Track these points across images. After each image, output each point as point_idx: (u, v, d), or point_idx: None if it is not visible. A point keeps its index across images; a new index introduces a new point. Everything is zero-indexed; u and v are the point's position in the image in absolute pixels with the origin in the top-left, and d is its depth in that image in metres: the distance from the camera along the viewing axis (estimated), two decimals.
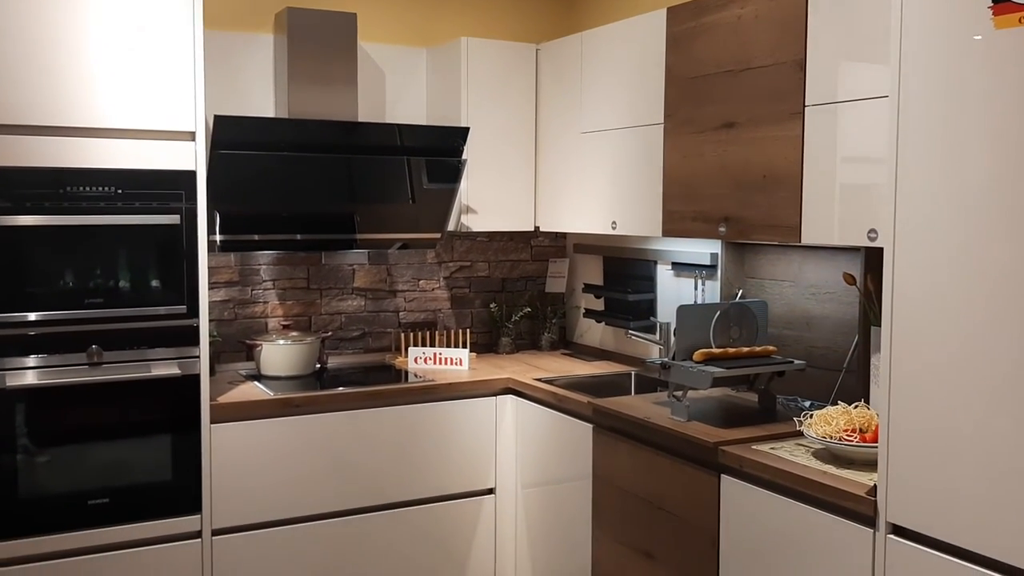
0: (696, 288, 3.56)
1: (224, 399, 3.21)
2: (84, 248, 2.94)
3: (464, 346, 4.00)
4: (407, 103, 4.07)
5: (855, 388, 2.81)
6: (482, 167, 3.87)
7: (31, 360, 2.88)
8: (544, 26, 4.31)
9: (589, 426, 3.17)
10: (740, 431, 2.68)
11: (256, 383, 3.48)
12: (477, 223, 3.91)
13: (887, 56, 2.08)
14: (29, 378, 2.87)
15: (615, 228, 3.52)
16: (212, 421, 3.11)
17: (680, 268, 3.65)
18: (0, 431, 2.84)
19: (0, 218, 2.80)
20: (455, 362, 3.82)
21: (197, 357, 3.07)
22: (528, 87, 3.97)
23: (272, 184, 3.48)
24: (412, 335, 4.03)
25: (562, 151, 3.83)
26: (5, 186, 2.80)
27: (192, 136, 3.03)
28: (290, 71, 3.58)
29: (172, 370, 3.04)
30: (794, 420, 2.58)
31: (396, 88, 4.05)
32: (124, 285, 3.00)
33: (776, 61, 2.73)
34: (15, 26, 2.78)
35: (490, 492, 3.67)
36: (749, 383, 3.04)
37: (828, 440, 2.38)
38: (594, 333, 4.23)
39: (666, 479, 2.79)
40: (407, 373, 3.77)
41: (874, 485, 2.13)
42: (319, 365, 3.74)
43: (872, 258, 2.72)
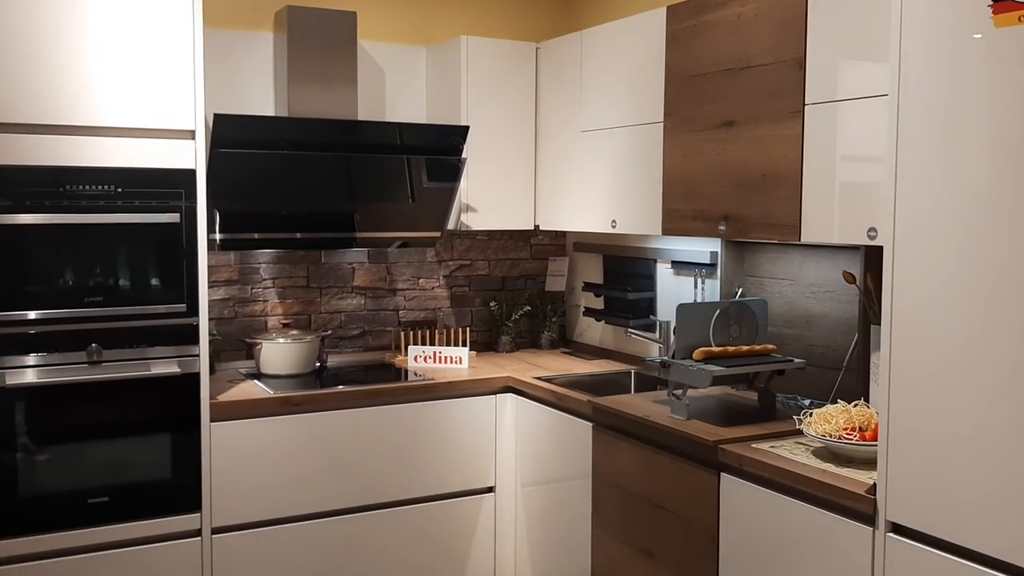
0: (696, 287, 3.56)
1: (224, 398, 3.21)
2: (84, 247, 2.94)
3: (464, 345, 4.00)
4: (407, 102, 4.07)
5: (855, 387, 2.81)
6: (482, 166, 3.87)
7: (31, 359, 2.88)
8: (544, 24, 4.31)
9: (589, 425, 3.17)
10: (740, 429, 2.68)
11: (256, 382, 3.48)
12: (477, 222, 3.91)
13: (887, 54, 2.07)
14: (29, 377, 2.87)
15: (615, 227, 3.52)
16: (212, 420, 3.12)
17: (680, 267, 3.65)
18: (0, 429, 2.84)
19: (0, 216, 2.80)
20: (455, 361, 3.82)
21: (197, 356, 3.07)
22: (528, 86, 3.97)
23: (272, 183, 3.48)
24: (412, 334, 4.03)
25: (562, 150, 3.83)
26: (5, 185, 2.80)
27: (192, 135, 3.03)
28: (290, 70, 3.58)
29: (172, 368, 3.04)
30: (794, 418, 2.58)
31: (396, 87, 4.05)
32: (124, 284, 3.00)
33: (776, 59, 2.73)
34: (15, 25, 2.78)
35: (490, 491, 3.68)
36: (749, 382, 3.04)
37: (828, 438, 2.38)
38: (594, 332, 4.23)
39: (666, 478, 2.79)
40: (407, 372, 3.78)
41: (873, 483, 2.14)
42: (319, 364, 3.74)
43: (872, 256, 2.72)
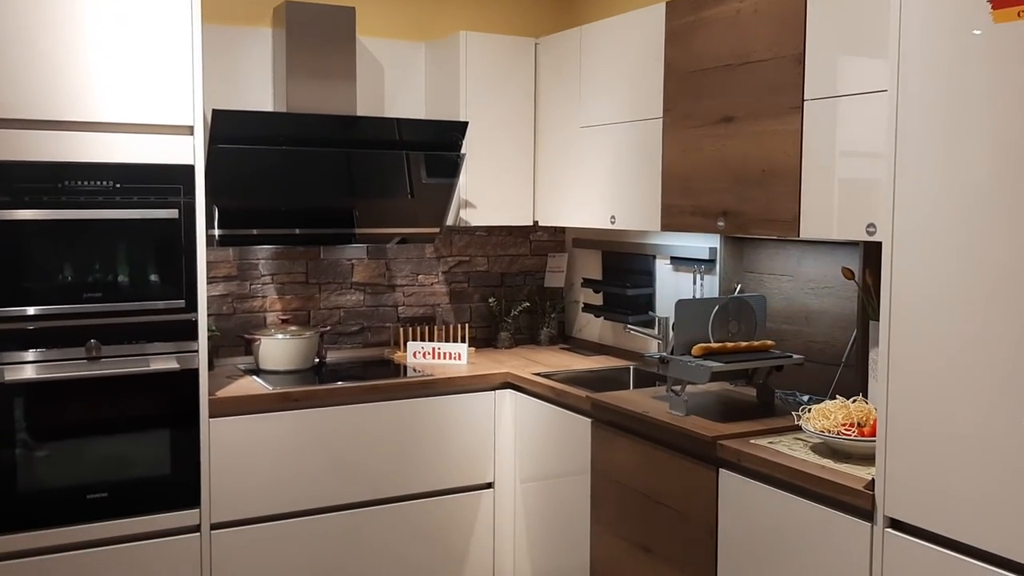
0: (695, 282, 3.56)
1: (223, 393, 3.21)
2: (82, 242, 2.93)
3: (463, 341, 4.00)
4: (406, 97, 4.06)
5: (853, 382, 2.82)
6: (481, 161, 3.87)
7: (30, 354, 2.87)
8: (543, 20, 4.31)
9: (588, 420, 3.17)
10: (738, 425, 2.68)
11: (255, 377, 3.48)
12: (476, 218, 3.91)
13: (886, 50, 2.07)
14: (28, 372, 2.87)
15: (614, 223, 3.52)
16: (211, 415, 3.12)
17: (679, 263, 3.65)
18: None
19: None
20: (454, 357, 3.82)
21: (196, 351, 3.07)
22: (527, 81, 3.96)
23: (271, 178, 3.48)
24: (411, 330, 4.03)
25: (561, 145, 3.82)
26: (3, 180, 2.80)
27: (190, 130, 3.03)
28: (288, 65, 3.57)
29: (171, 364, 3.04)
30: (792, 414, 2.58)
31: (395, 82, 4.04)
32: (123, 279, 3.00)
33: (775, 55, 2.72)
34: (13, 21, 2.77)
35: (489, 486, 3.68)
36: (747, 377, 3.04)
37: (826, 434, 2.38)
38: (593, 328, 4.23)
39: (664, 473, 2.79)
40: (406, 368, 3.78)
41: (872, 479, 2.14)
42: (318, 359, 3.74)
43: (871, 252, 2.72)
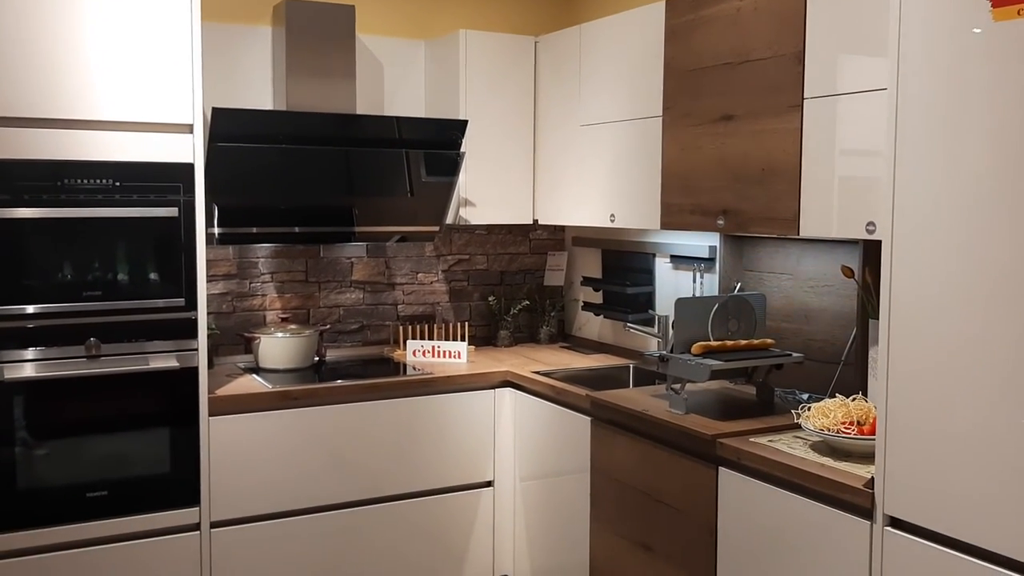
0: (694, 281, 3.56)
1: (222, 392, 3.21)
2: (82, 241, 2.93)
3: (462, 339, 4.00)
4: (405, 96, 4.06)
5: (853, 381, 2.82)
6: (480, 160, 3.87)
7: (29, 353, 2.87)
8: (543, 18, 4.30)
9: (587, 419, 3.17)
10: (738, 424, 2.68)
11: (254, 376, 3.48)
12: (475, 216, 3.91)
13: (886, 49, 2.07)
14: (27, 371, 2.87)
15: (613, 221, 3.52)
16: (210, 414, 3.12)
17: (678, 261, 3.65)
18: None
19: None
20: (453, 355, 3.82)
21: (195, 350, 3.07)
22: (527, 80, 3.96)
23: (270, 177, 3.48)
24: (411, 328, 4.03)
25: (561, 144, 3.82)
26: (3, 179, 2.80)
27: (190, 129, 3.03)
28: (288, 63, 3.57)
29: (170, 363, 3.04)
30: (792, 413, 2.58)
31: (394, 81, 4.04)
32: (122, 278, 3.00)
33: (775, 54, 2.72)
34: (13, 19, 2.77)
35: (488, 485, 3.68)
36: (747, 376, 3.05)
37: (826, 433, 2.38)
38: (592, 326, 4.23)
39: (664, 472, 2.79)
40: (405, 366, 3.78)
41: (871, 477, 2.14)
42: (317, 358, 3.74)
43: (870, 251, 2.72)
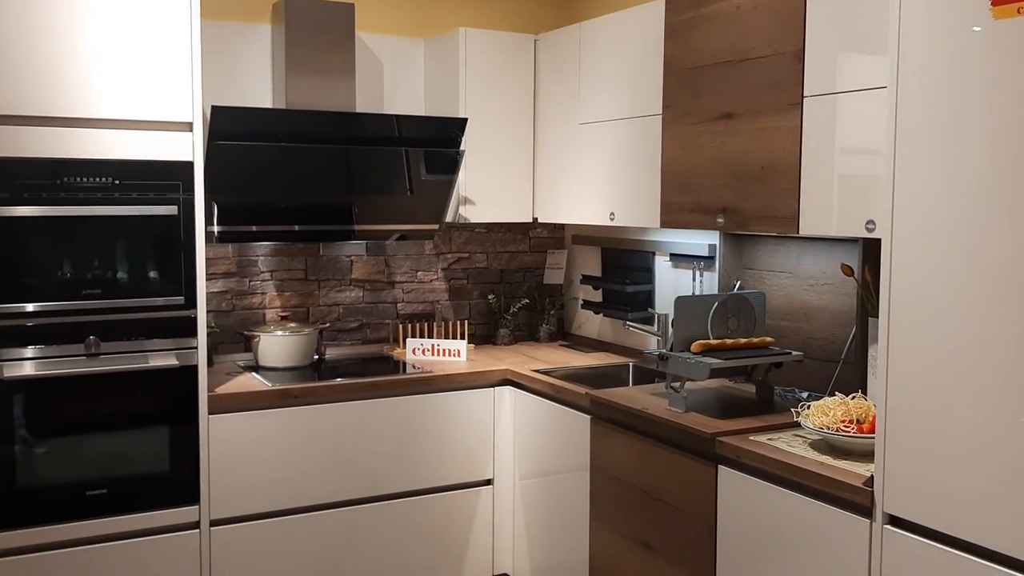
0: (694, 279, 3.56)
1: (222, 390, 3.21)
2: (81, 239, 2.93)
3: (462, 337, 4.00)
4: (405, 94, 4.06)
5: (852, 379, 2.82)
6: (480, 158, 3.87)
7: (29, 351, 2.87)
8: (542, 16, 4.30)
9: (587, 417, 3.17)
10: (738, 422, 2.68)
11: (254, 374, 3.48)
12: (475, 214, 3.91)
13: (886, 47, 2.07)
14: (27, 369, 2.87)
15: (613, 219, 3.52)
16: (210, 412, 3.12)
17: (678, 259, 3.65)
18: None
19: None
20: (453, 353, 3.82)
21: (195, 348, 3.07)
22: (526, 78, 3.96)
23: (270, 175, 3.48)
24: (410, 326, 4.03)
25: (560, 142, 3.82)
26: (2, 177, 2.80)
27: (189, 127, 3.03)
28: (288, 62, 3.57)
29: (170, 361, 3.04)
30: (791, 411, 2.58)
31: (394, 79, 4.04)
32: (122, 276, 3.00)
33: (775, 52, 2.72)
34: (12, 17, 2.77)
35: (488, 483, 3.68)
36: (747, 374, 3.04)
37: (825, 431, 2.38)
38: (592, 324, 4.23)
39: (664, 470, 2.79)
40: (405, 364, 3.78)
41: (871, 476, 2.14)
42: (317, 356, 3.74)
43: (870, 249, 2.72)
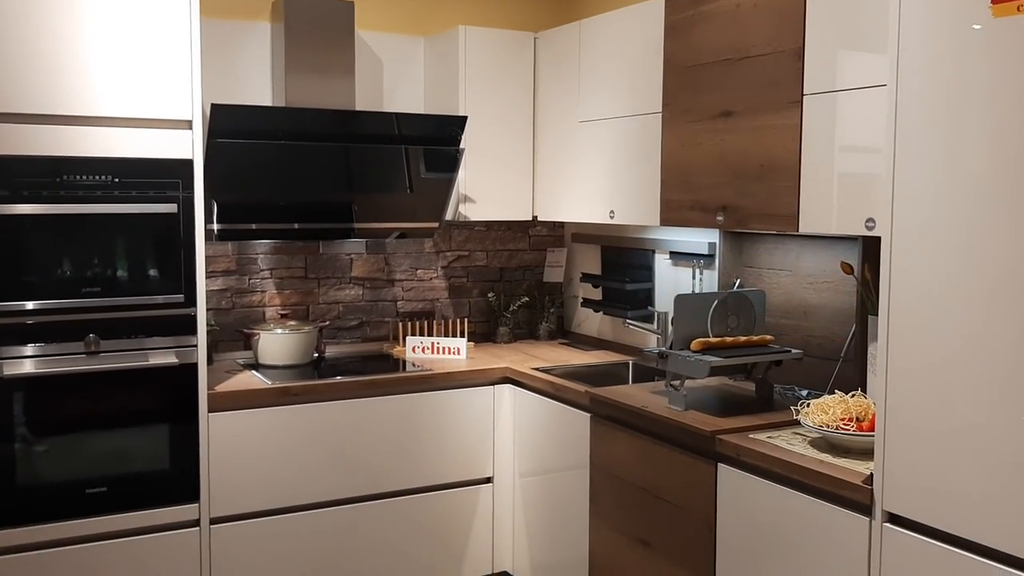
0: (694, 277, 3.56)
1: (222, 388, 3.21)
2: (81, 237, 2.93)
3: (462, 335, 4.01)
4: (405, 92, 4.06)
5: (852, 377, 2.82)
6: (480, 156, 3.87)
7: (29, 349, 2.88)
8: (542, 14, 4.30)
9: (587, 415, 3.17)
10: (737, 420, 2.68)
11: (254, 372, 3.48)
12: (475, 212, 3.91)
13: (885, 45, 2.07)
14: (27, 367, 2.87)
15: (613, 217, 3.52)
16: (210, 410, 3.12)
17: (678, 257, 3.65)
18: None
19: None
20: (453, 351, 3.82)
21: (195, 346, 3.07)
22: (526, 76, 3.96)
23: (269, 173, 3.48)
24: (410, 324, 4.03)
25: (560, 140, 3.82)
26: (2, 175, 2.80)
27: (189, 125, 3.03)
28: (287, 59, 3.57)
29: (170, 359, 3.04)
30: (791, 409, 2.58)
31: (394, 77, 4.04)
32: (122, 274, 3.00)
33: (774, 49, 2.72)
34: (12, 15, 2.77)
35: (488, 481, 3.68)
36: (746, 372, 3.04)
37: (825, 429, 2.38)
38: (592, 322, 4.23)
39: (663, 468, 2.79)
40: (405, 362, 3.78)
41: (870, 474, 2.14)
42: (317, 354, 3.74)
43: (870, 247, 2.72)
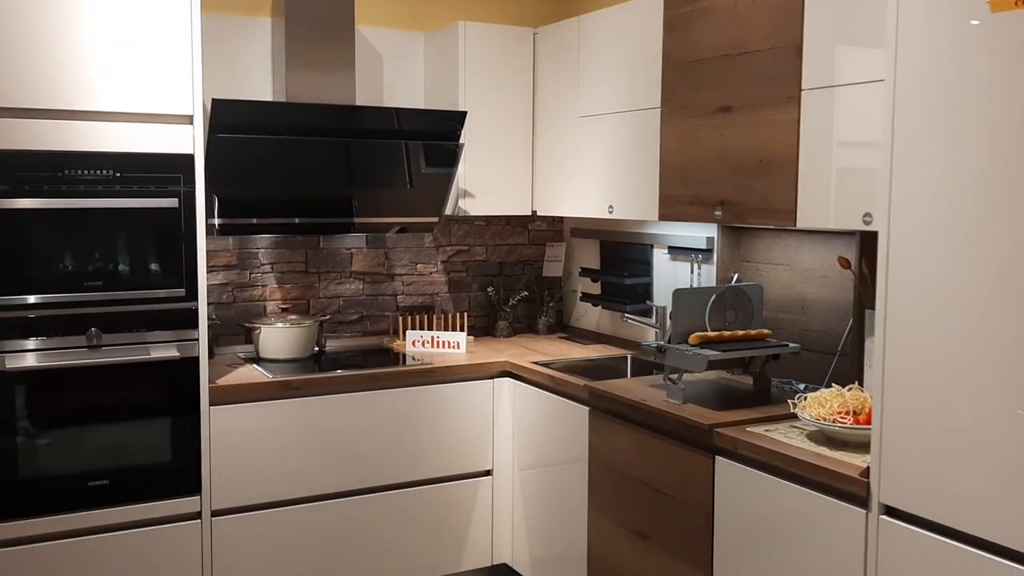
0: (692, 272, 3.57)
1: (223, 382, 3.22)
2: (83, 231, 2.94)
3: (462, 330, 4.02)
4: (405, 87, 4.07)
5: (849, 371, 2.83)
6: (479, 151, 3.88)
7: (31, 343, 2.89)
8: (542, 10, 4.31)
9: (585, 409, 3.19)
10: (735, 413, 2.70)
11: (255, 366, 3.50)
12: (474, 207, 3.92)
13: (884, 40, 2.08)
14: (29, 360, 2.88)
15: (612, 212, 3.53)
16: (211, 403, 3.13)
17: (676, 252, 3.67)
18: (0, 413, 2.86)
19: None
20: (453, 345, 3.83)
21: (196, 340, 3.09)
22: (526, 71, 3.97)
23: (270, 168, 3.48)
24: (410, 319, 4.05)
25: (559, 135, 3.83)
26: (3, 169, 2.80)
27: (190, 120, 3.03)
28: (288, 55, 3.57)
29: (171, 353, 3.06)
30: (788, 403, 2.59)
31: (394, 72, 4.05)
32: (123, 268, 3.01)
33: (773, 45, 2.73)
34: (12, 10, 2.77)
35: (487, 474, 3.70)
36: (744, 366, 3.06)
37: (822, 422, 2.39)
38: (591, 317, 4.24)
39: (661, 461, 2.81)
40: (405, 356, 3.79)
41: (867, 467, 2.15)
42: (317, 348, 3.75)
43: (867, 242, 2.73)
